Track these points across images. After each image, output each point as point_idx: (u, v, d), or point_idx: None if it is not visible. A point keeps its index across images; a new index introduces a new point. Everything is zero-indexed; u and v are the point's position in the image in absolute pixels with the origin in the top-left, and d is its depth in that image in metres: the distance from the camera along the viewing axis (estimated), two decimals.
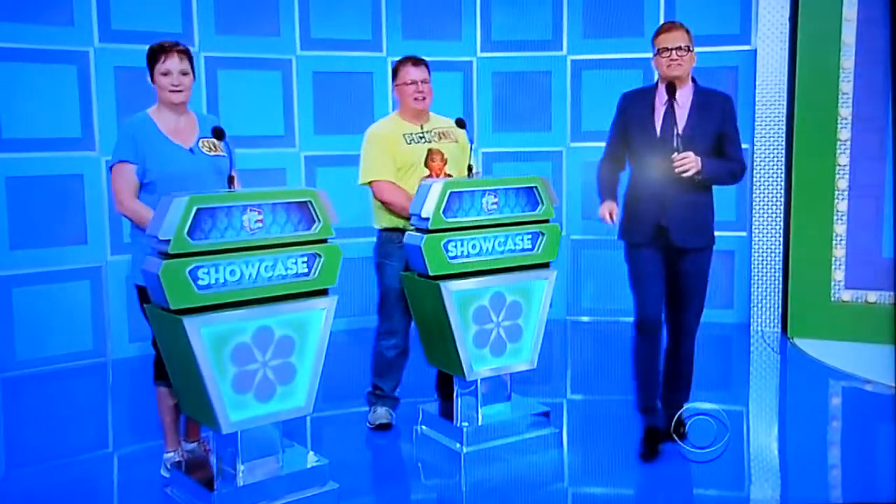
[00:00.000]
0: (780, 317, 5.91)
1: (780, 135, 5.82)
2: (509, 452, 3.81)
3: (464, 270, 3.68)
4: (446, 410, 3.95)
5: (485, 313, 3.76)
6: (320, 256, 3.17)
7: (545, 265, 3.90)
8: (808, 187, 5.67)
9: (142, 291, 3.32)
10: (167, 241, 2.86)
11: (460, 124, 4.06)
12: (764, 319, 5.97)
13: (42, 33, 5.16)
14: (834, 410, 4.72)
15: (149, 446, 3.87)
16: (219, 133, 3.28)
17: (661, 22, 5.27)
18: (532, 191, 3.84)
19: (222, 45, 5.69)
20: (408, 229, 3.76)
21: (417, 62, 4.06)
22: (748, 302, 6.04)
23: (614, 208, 3.76)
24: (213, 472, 3.21)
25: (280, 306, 3.11)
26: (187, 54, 3.42)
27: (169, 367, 3.21)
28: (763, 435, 4.30)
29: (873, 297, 5.61)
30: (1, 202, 5.10)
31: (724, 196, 5.59)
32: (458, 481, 3.67)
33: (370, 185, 4.03)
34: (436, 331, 3.77)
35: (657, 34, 3.67)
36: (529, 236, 3.84)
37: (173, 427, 3.60)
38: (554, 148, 6.30)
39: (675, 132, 3.56)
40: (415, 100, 4.02)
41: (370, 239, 4.16)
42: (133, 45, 3.58)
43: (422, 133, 4.07)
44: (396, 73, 4.10)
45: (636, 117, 3.70)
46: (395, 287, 4.00)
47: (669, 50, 3.58)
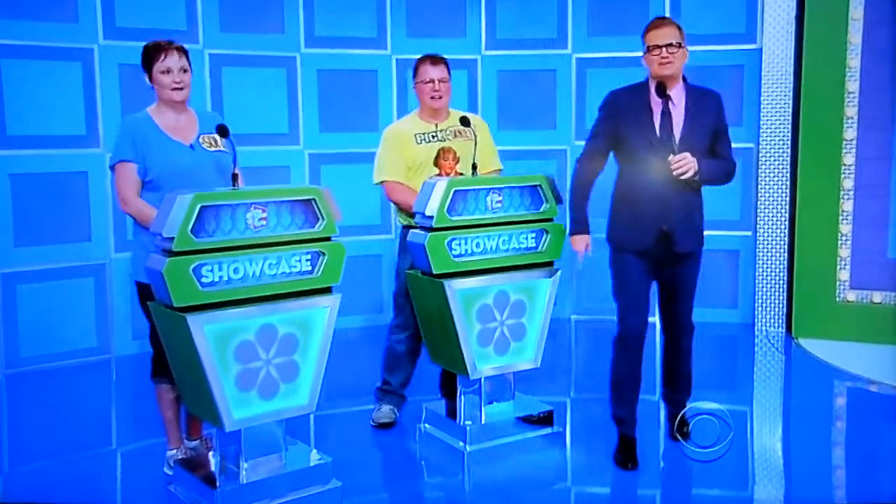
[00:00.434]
0: (784, 317, 5.90)
1: (786, 134, 5.81)
2: (512, 451, 3.81)
3: (468, 269, 3.67)
4: (450, 409, 3.96)
5: (489, 312, 3.75)
6: (324, 254, 3.17)
7: (549, 264, 3.89)
8: (814, 187, 5.65)
9: (142, 288, 3.32)
10: (171, 239, 2.86)
11: (464, 122, 4.05)
12: (768, 319, 5.95)
13: (46, 30, 5.16)
14: (838, 411, 4.70)
15: (152, 443, 3.88)
16: (223, 130, 3.28)
17: None
18: (536, 189, 3.83)
19: (227, 42, 5.69)
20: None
21: (436, 61, 4.06)
22: (753, 302, 6.03)
23: (589, 242, 3.70)
24: (216, 469, 3.21)
25: (284, 304, 3.10)
26: (185, 51, 3.43)
27: (172, 365, 3.21)
28: (767, 435, 4.29)
29: (878, 297, 5.59)
30: (5, 199, 5.11)
31: (728, 195, 5.63)
32: (461, 480, 3.67)
33: (382, 184, 4.07)
34: (439, 329, 3.77)
35: (647, 31, 3.55)
36: (534, 235, 3.84)
37: (175, 423, 3.60)
38: (559, 146, 6.29)
39: (673, 133, 3.48)
40: (431, 98, 4.03)
41: (381, 236, 4.17)
42: (138, 43, 3.57)
43: (435, 132, 4.07)
44: (416, 71, 4.10)
45: (631, 117, 3.55)
46: None
47: (660, 47, 3.47)
